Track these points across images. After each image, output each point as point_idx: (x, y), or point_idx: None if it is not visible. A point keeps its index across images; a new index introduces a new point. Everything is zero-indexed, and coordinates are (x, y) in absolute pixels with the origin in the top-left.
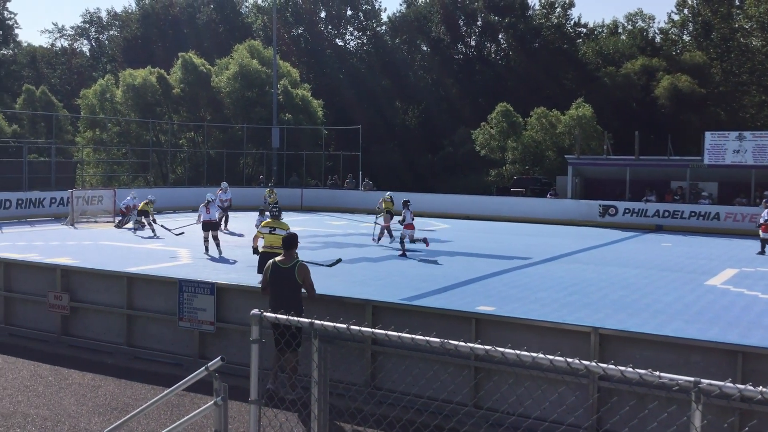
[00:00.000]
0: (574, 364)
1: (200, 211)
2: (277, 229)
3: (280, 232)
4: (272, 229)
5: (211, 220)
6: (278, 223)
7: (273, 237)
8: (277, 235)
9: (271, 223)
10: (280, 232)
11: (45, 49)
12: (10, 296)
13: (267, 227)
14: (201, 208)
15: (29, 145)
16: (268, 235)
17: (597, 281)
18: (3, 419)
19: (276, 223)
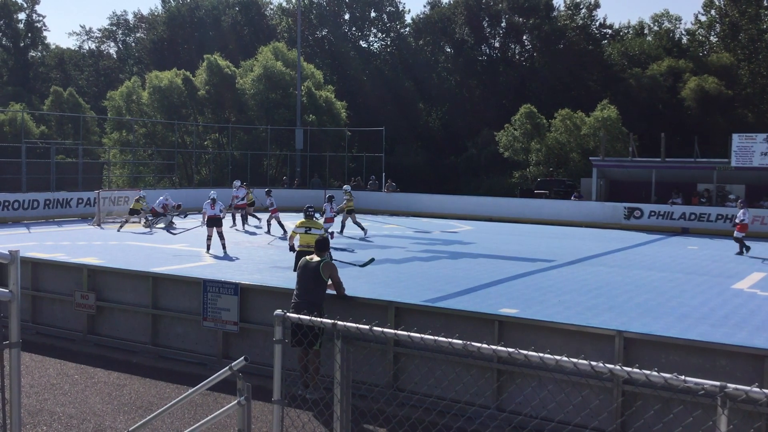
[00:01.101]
0: (598, 367)
1: (204, 208)
2: (312, 228)
3: (315, 232)
4: (308, 229)
5: (215, 215)
6: (313, 222)
7: (308, 236)
8: (313, 235)
9: (306, 222)
10: (315, 232)
11: (73, 51)
12: (37, 295)
13: (303, 227)
14: (205, 204)
15: (57, 146)
16: (304, 235)
17: (622, 284)
18: (30, 417)
19: (311, 222)
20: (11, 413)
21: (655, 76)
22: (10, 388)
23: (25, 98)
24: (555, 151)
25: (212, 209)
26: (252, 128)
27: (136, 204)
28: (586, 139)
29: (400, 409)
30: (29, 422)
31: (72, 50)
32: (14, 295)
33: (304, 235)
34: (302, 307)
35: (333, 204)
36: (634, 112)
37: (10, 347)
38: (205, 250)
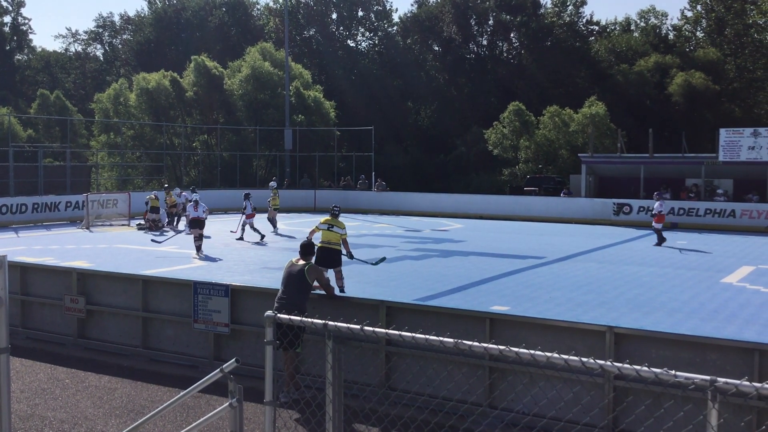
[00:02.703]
0: (589, 363)
1: (187, 210)
2: (335, 226)
3: (337, 230)
4: (330, 226)
5: (197, 217)
6: (336, 221)
7: (330, 233)
8: (334, 232)
9: (330, 220)
10: (337, 230)
11: (59, 54)
12: (26, 300)
13: (326, 224)
14: (188, 207)
15: (44, 149)
16: (326, 231)
17: (612, 280)
18: (21, 422)
19: (334, 221)
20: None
21: (642, 72)
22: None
23: (11, 102)
24: (544, 148)
25: (195, 211)
26: (240, 129)
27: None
28: (574, 135)
29: (393, 408)
30: (20, 427)
31: (58, 53)
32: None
33: (327, 231)
34: (284, 310)
35: (251, 201)
36: (621, 108)
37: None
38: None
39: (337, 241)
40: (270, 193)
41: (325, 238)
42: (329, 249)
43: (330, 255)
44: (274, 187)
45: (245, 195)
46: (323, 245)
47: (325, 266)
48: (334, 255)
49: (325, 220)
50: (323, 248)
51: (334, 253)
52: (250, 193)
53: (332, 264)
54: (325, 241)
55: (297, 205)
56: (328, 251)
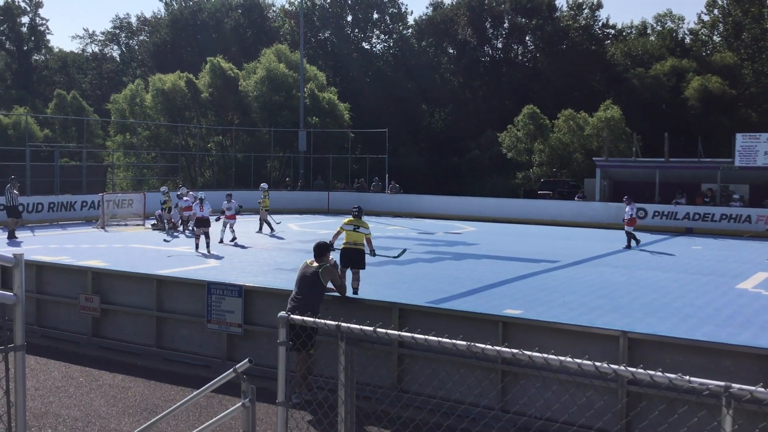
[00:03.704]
0: (602, 367)
1: (193, 209)
2: (360, 227)
3: (362, 231)
4: (356, 227)
5: (203, 216)
6: (361, 222)
7: (355, 234)
8: (360, 233)
9: (353, 221)
10: (362, 231)
11: (76, 55)
12: (42, 298)
13: (351, 225)
14: (194, 206)
15: (61, 149)
16: (352, 233)
17: (626, 285)
18: (35, 419)
19: (359, 221)
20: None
21: (658, 76)
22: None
23: (28, 102)
24: (558, 151)
25: (201, 210)
26: (255, 130)
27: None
28: (589, 139)
29: (405, 410)
30: (34, 425)
31: (75, 53)
32: (19, 298)
33: (352, 232)
34: (297, 311)
35: (233, 202)
36: (637, 112)
37: (15, 350)
38: (195, 249)
39: (362, 242)
40: (260, 194)
41: (351, 239)
42: (355, 250)
43: (356, 255)
44: (265, 189)
45: (227, 196)
46: (349, 246)
47: (350, 267)
48: (360, 255)
49: (349, 221)
50: (349, 249)
51: (360, 253)
52: (231, 194)
53: (358, 264)
54: (350, 242)
55: (311, 207)
56: (354, 252)
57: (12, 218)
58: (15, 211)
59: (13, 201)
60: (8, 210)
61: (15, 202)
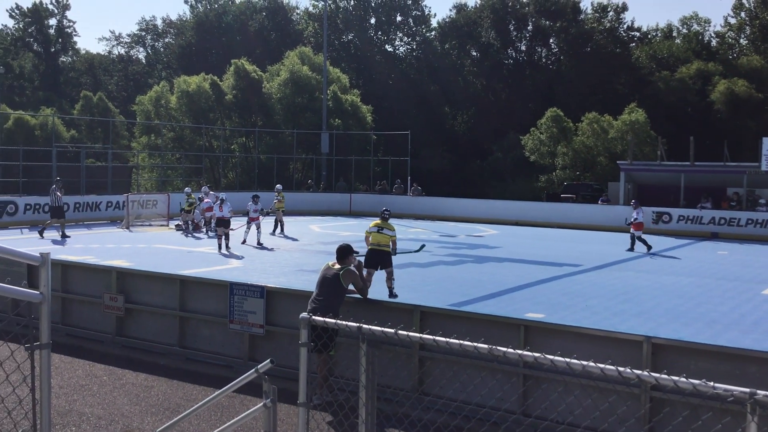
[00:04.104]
0: (625, 373)
1: (214, 210)
2: (384, 229)
3: (386, 232)
4: (380, 229)
5: (223, 217)
6: (386, 224)
7: (380, 235)
8: (384, 234)
9: (379, 223)
10: (386, 232)
11: (102, 57)
12: (67, 297)
13: (376, 227)
14: (215, 206)
15: (87, 150)
16: (376, 234)
17: (650, 289)
18: (59, 417)
19: (384, 224)
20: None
21: (684, 79)
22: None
23: (55, 103)
24: (582, 155)
25: (221, 211)
26: (278, 132)
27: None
28: (613, 142)
29: (425, 413)
30: (58, 423)
31: (102, 55)
32: (45, 296)
33: (376, 234)
34: (318, 312)
35: (258, 203)
36: (662, 115)
37: (41, 348)
38: (217, 250)
39: (386, 243)
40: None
41: (375, 241)
42: (379, 251)
43: (380, 256)
44: (279, 190)
45: (254, 197)
46: (373, 248)
47: (375, 267)
48: (384, 256)
49: (375, 224)
50: (373, 250)
51: (384, 254)
52: (258, 195)
53: (383, 265)
54: (374, 244)
55: (333, 209)
56: (378, 253)
57: (56, 218)
58: (59, 211)
59: (57, 202)
60: (53, 210)
61: (59, 203)
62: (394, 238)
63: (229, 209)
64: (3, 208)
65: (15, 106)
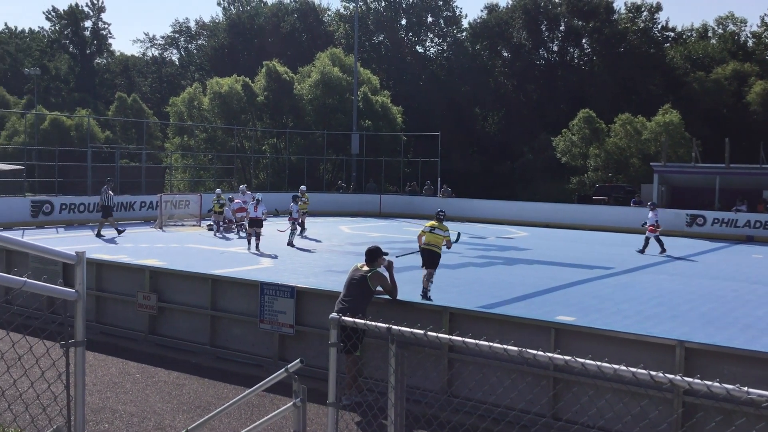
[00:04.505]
0: (657, 377)
1: (248, 209)
2: (436, 229)
3: (438, 232)
4: (432, 229)
5: (257, 217)
6: (440, 224)
7: (432, 236)
8: (436, 234)
9: (434, 224)
10: (438, 232)
11: (136, 58)
12: (101, 295)
13: (430, 227)
14: (249, 206)
15: (121, 150)
16: (429, 234)
17: (683, 293)
18: (93, 414)
19: (438, 224)
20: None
21: (719, 80)
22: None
23: (90, 104)
24: (614, 156)
25: (255, 211)
26: (309, 133)
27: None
28: (647, 144)
29: (454, 415)
30: (92, 419)
31: (136, 57)
32: (80, 294)
33: (429, 234)
34: (345, 314)
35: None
36: (697, 116)
37: (76, 345)
38: (247, 248)
39: (437, 243)
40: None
41: (427, 240)
42: (428, 250)
43: (428, 255)
44: (303, 191)
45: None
46: (424, 247)
47: (425, 266)
48: (431, 256)
49: (430, 224)
50: (423, 249)
51: (432, 254)
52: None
53: (431, 264)
54: (426, 243)
55: (363, 210)
56: (427, 252)
57: (106, 217)
58: (109, 210)
59: (108, 201)
60: (104, 209)
61: (110, 202)
62: (448, 237)
63: (264, 210)
64: (39, 208)
65: (51, 107)
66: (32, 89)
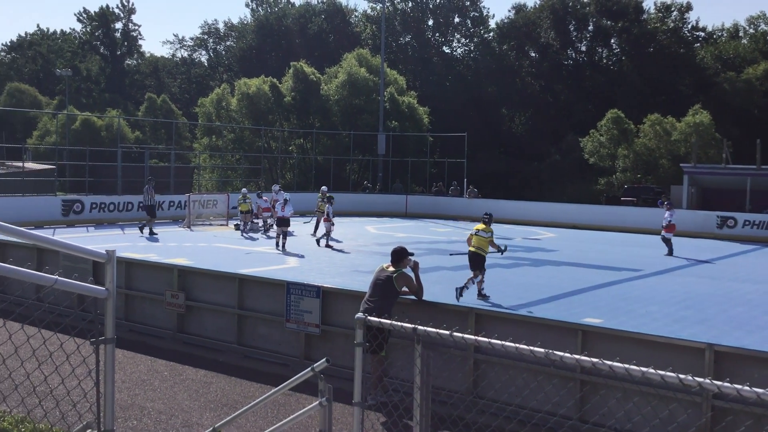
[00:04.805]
0: (686, 380)
1: (276, 209)
2: (480, 231)
3: (482, 234)
4: (477, 231)
5: (284, 216)
6: (485, 227)
7: (476, 238)
8: (479, 237)
9: (479, 226)
10: (482, 234)
11: (166, 60)
12: (130, 294)
13: (476, 230)
14: (277, 205)
15: (150, 150)
16: (474, 236)
17: (713, 296)
18: (122, 411)
19: (483, 227)
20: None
21: (750, 80)
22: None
23: (121, 105)
24: (643, 157)
25: (282, 211)
26: (335, 134)
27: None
28: (676, 145)
29: (480, 416)
30: (120, 416)
31: (165, 58)
32: (110, 292)
33: (474, 236)
34: (370, 313)
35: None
36: (727, 117)
37: (106, 343)
38: (275, 247)
39: (480, 246)
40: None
41: (472, 243)
42: (475, 253)
43: (475, 258)
44: (325, 192)
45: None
46: (470, 250)
47: (471, 268)
48: (476, 258)
49: (477, 227)
50: (469, 252)
51: (475, 256)
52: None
53: (474, 266)
54: (471, 246)
55: (389, 210)
56: (471, 255)
57: (151, 216)
58: (152, 209)
59: (151, 200)
60: (147, 209)
61: (153, 201)
62: (490, 239)
63: (291, 210)
64: (70, 207)
65: (82, 107)
66: (64, 90)
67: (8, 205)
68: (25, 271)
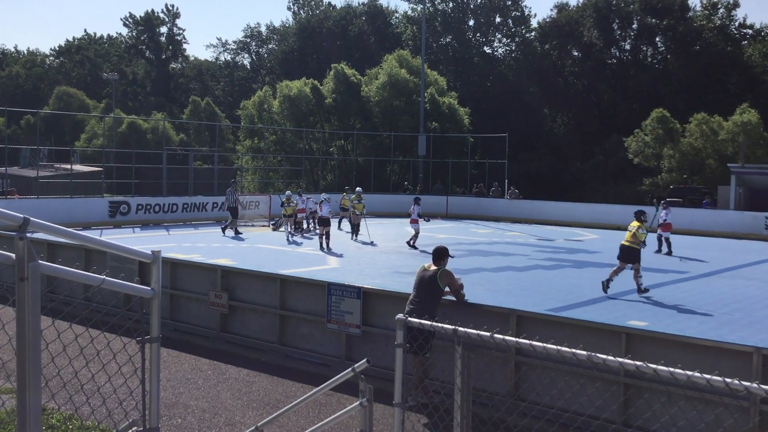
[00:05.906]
0: (733, 384)
1: (316, 209)
2: (630, 225)
3: (630, 228)
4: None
5: (323, 216)
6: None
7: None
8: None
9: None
10: (630, 228)
11: (210, 63)
12: (175, 294)
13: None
14: (316, 206)
15: (195, 152)
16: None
17: (761, 299)
18: (166, 409)
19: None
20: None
21: None
22: (150, 381)
23: (166, 108)
24: (689, 157)
25: (321, 211)
26: (376, 135)
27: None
28: (723, 144)
29: (521, 418)
30: (165, 414)
31: (209, 62)
32: (156, 292)
33: (628, 232)
34: (415, 314)
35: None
36: None
37: (151, 342)
38: (319, 247)
39: (629, 239)
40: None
41: (626, 237)
42: (627, 247)
43: (628, 252)
44: (359, 193)
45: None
46: (622, 243)
47: (624, 261)
48: (632, 252)
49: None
50: (622, 245)
51: (627, 249)
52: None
53: (629, 260)
54: (625, 240)
55: (429, 211)
56: (626, 249)
57: (235, 217)
58: (235, 211)
59: (234, 202)
60: (231, 210)
61: (236, 203)
62: (635, 231)
63: (329, 209)
64: (116, 208)
65: (128, 110)
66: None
67: (57, 207)
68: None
